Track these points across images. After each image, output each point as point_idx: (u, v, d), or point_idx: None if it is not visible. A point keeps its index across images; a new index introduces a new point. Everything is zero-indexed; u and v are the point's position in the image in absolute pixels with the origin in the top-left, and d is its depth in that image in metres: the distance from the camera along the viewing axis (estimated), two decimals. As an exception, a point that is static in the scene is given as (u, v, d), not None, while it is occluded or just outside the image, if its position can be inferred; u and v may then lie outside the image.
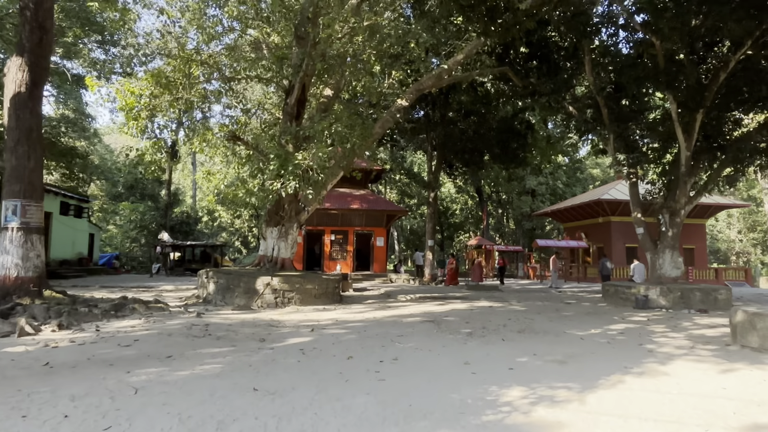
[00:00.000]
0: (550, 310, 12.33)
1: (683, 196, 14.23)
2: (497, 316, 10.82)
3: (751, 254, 41.69)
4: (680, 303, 13.22)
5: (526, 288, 22.35)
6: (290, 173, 12.24)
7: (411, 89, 15.26)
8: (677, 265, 14.46)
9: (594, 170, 52.81)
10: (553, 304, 14.07)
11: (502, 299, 15.58)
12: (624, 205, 28.34)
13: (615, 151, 15.64)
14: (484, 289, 19.94)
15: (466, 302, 14.34)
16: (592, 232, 31.15)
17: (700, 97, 13.35)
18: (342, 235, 25.06)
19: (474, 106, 23.46)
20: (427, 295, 16.78)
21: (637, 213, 15.43)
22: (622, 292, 14.38)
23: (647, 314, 11.97)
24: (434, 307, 12.89)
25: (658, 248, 14.77)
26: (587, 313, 11.87)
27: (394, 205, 25.94)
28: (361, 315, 11.03)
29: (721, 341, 8.14)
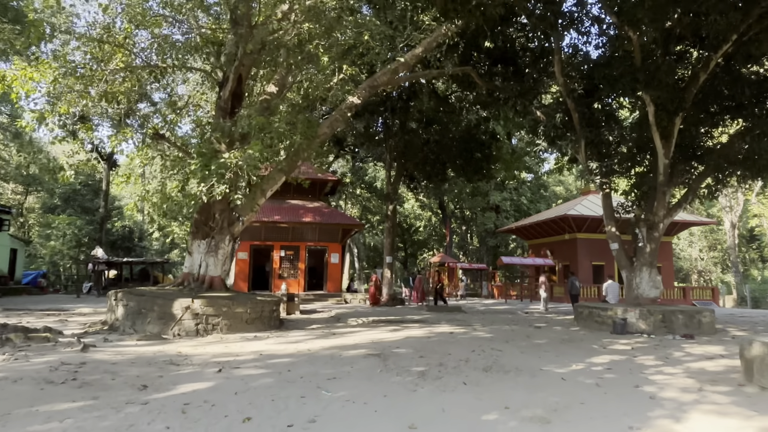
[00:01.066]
0: (519, 337, 10.63)
1: (662, 207, 12.93)
2: (459, 346, 9.02)
3: (713, 273, 41.66)
4: (662, 327, 11.78)
5: (491, 309, 20.74)
6: (215, 174, 10.24)
7: (364, 85, 13.56)
8: (656, 284, 13.09)
9: (557, 188, 52.46)
10: (522, 329, 12.41)
11: (465, 323, 13.84)
12: (590, 221, 27.37)
13: (586, 160, 14.31)
14: (446, 310, 18.20)
15: (425, 327, 12.52)
16: (557, 250, 30.04)
17: (680, 99, 12.14)
18: (293, 251, 22.97)
19: (436, 115, 22.01)
20: (382, 318, 14.89)
21: (611, 227, 14.06)
22: (597, 314, 12.88)
23: (629, 341, 10.43)
24: (386, 334, 11.01)
25: (634, 266, 13.38)
26: (562, 341, 10.22)
27: (351, 218, 24.10)
28: (294, 346, 9.04)
29: (731, 379, 6.55)
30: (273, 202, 23.62)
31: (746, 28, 10.89)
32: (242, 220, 12.81)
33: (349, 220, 23.42)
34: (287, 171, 13.03)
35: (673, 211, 13.12)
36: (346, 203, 46.62)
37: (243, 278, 22.28)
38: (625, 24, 11.52)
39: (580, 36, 14.11)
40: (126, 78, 12.73)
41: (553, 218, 28.41)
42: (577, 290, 20.23)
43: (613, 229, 14.04)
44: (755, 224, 37.71)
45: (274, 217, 22.23)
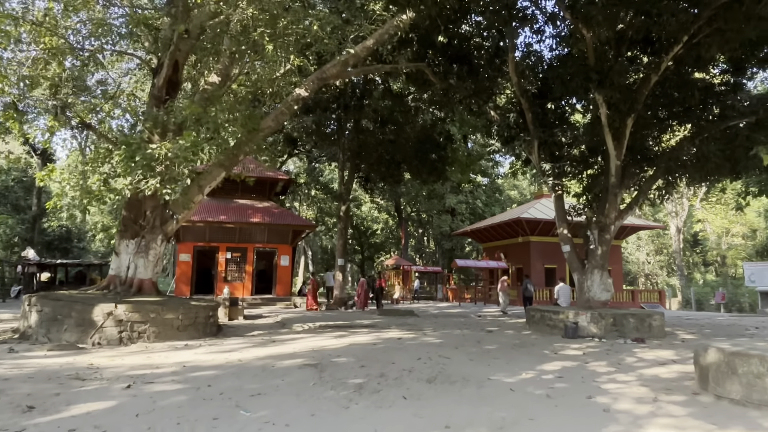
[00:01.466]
0: (470, 343, 10.15)
1: (613, 210, 12.80)
2: (405, 353, 8.42)
3: (659, 276, 43.02)
4: (613, 331, 11.58)
5: (444, 312, 20.34)
6: (140, 167, 9.29)
7: (312, 77, 12.84)
8: (607, 287, 12.94)
9: (512, 192, 53.10)
10: (473, 334, 11.97)
11: (416, 327, 13.30)
12: (543, 224, 27.51)
13: (539, 161, 14.08)
14: (397, 314, 17.63)
15: (373, 332, 11.89)
16: (511, 253, 30.11)
17: (632, 100, 12.05)
18: (240, 252, 21.88)
19: (391, 115, 21.51)
20: (330, 323, 14.15)
21: (563, 229, 13.87)
22: (549, 318, 12.60)
23: (580, 345, 10.13)
24: (331, 340, 10.30)
25: (586, 268, 13.21)
26: (513, 346, 9.80)
27: (302, 219, 23.22)
28: (225, 356, 8.22)
29: (685, 387, 6.23)
30: (219, 201, 22.49)
31: (697, 30, 10.87)
32: (176, 218, 11.83)
33: (300, 221, 22.56)
34: (228, 166, 12.14)
35: (624, 213, 13.03)
36: (301, 204, 45.55)
37: (185, 282, 21.02)
38: (579, 21, 11.31)
39: (535, 35, 13.92)
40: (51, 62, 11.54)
41: (507, 221, 28.42)
42: (531, 293, 20.10)
43: (565, 231, 13.85)
44: (699, 229, 39.18)
45: (220, 217, 21.11)
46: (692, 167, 12.47)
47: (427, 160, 21.83)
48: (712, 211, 36.15)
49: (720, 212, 35.03)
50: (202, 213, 21.20)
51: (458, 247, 43.21)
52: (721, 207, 35.15)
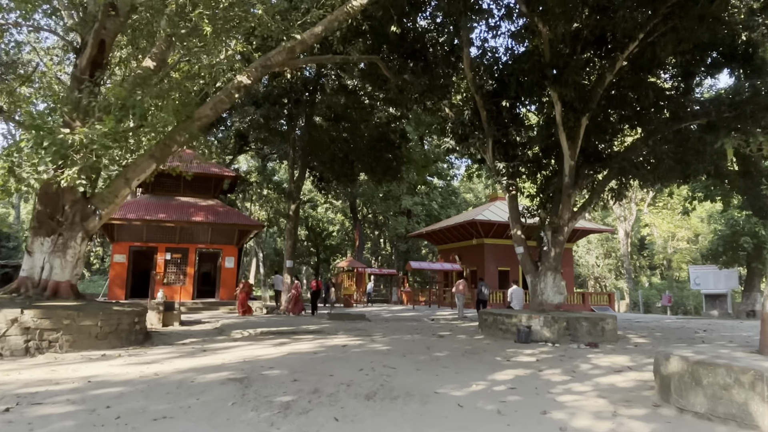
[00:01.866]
0: (419, 349, 9.52)
1: (567, 210, 12.52)
2: (347, 364, 7.68)
3: (608, 279, 44.06)
4: (566, 335, 11.24)
5: (397, 316, 19.73)
6: (51, 154, 8.18)
7: (256, 64, 11.93)
8: (560, 289, 12.64)
9: (467, 195, 53.34)
10: (424, 339, 11.36)
11: (364, 333, 12.59)
12: (497, 226, 27.41)
13: (494, 159, 13.67)
14: (348, 318, 16.88)
15: (318, 339, 11.10)
16: (465, 255, 29.90)
17: (587, 98, 11.79)
18: (181, 254, 20.56)
19: (345, 112, 20.79)
20: (273, 329, 13.25)
21: (517, 230, 13.51)
22: (501, 322, 12.16)
23: (533, 351, 9.68)
24: (268, 349, 9.44)
25: (539, 270, 12.87)
26: (464, 353, 9.24)
27: (248, 218, 22.05)
28: (142, 369, 7.24)
29: (645, 399, 5.78)
30: (159, 198, 21.10)
31: (652, 27, 10.69)
32: (100, 214, 10.66)
33: (246, 221, 21.43)
34: (159, 158, 11.06)
35: (578, 214, 12.78)
36: (253, 204, 44.09)
37: (120, 284, 19.53)
38: (536, 15, 10.93)
39: (491, 31, 13.52)
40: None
41: (461, 223, 28.18)
42: (485, 296, 19.80)
43: (518, 233, 13.49)
44: (646, 233, 40.34)
45: (159, 215, 19.75)
46: (645, 169, 12.36)
47: (381, 158, 21.23)
48: (658, 215, 37.27)
49: (666, 217, 36.16)
50: (139, 211, 19.80)
51: (414, 249, 42.87)
52: (667, 212, 36.29)
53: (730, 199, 24.95)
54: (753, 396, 4.59)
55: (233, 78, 11.88)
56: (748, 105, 11.84)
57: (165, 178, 20.63)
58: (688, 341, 12.08)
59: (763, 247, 20.23)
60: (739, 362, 4.87)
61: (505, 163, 13.34)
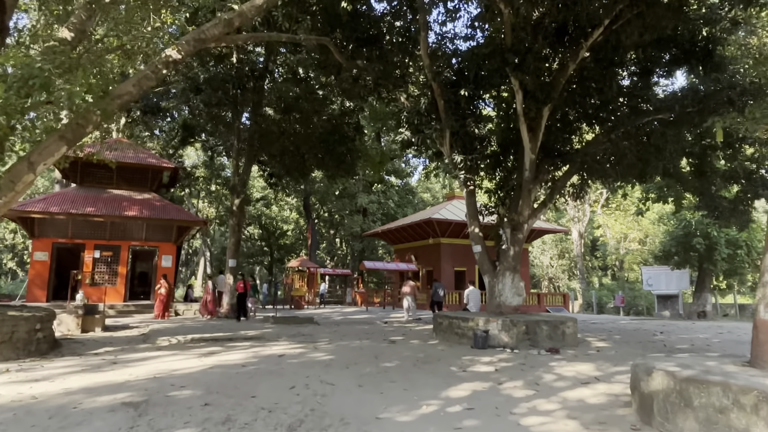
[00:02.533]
0: (366, 359, 8.48)
1: (527, 207, 11.79)
2: (277, 379, 6.55)
3: (561, 279, 44.43)
4: (525, 340, 10.47)
5: (348, 318, 18.64)
6: None
7: (188, 38, 10.55)
8: (519, 291, 11.89)
9: (425, 194, 52.81)
10: (373, 346, 10.33)
11: (309, 339, 11.46)
12: (454, 226, 26.76)
13: (451, 152, 12.82)
14: (294, 322, 15.66)
15: (254, 347, 9.89)
16: (422, 255, 29.14)
17: (549, 87, 11.09)
18: (112, 251, 18.74)
19: (296, 102, 19.51)
20: (207, 335, 11.91)
21: (475, 227, 12.69)
22: (457, 325, 11.28)
23: (491, 359, 8.83)
24: (191, 361, 8.18)
25: (497, 270, 12.09)
26: (416, 363, 8.26)
27: (188, 214, 20.33)
28: (23, 389, 5.89)
29: (621, 419, 4.94)
30: (88, 191, 19.21)
31: (619, 13, 10.06)
32: (-5, 204, 9.07)
33: (186, 216, 19.76)
34: (71, 140, 9.52)
35: (538, 210, 12.09)
36: (200, 200, 41.96)
37: (41, 285, 17.55)
38: (498, -4, 10.11)
39: (449, 14, 12.65)
40: None
41: (418, 222, 27.38)
42: (440, 298, 19.02)
43: (476, 230, 12.68)
44: (600, 234, 40.75)
45: (87, 208, 17.90)
46: (607, 165, 11.78)
47: (334, 152, 20.06)
48: (611, 217, 37.72)
49: (619, 218, 36.63)
50: (64, 204, 17.88)
51: (370, 248, 41.86)
52: (620, 213, 36.77)
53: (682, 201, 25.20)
54: (757, 421, 3.79)
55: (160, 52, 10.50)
56: (711, 100, 11.45)
57: (95, 169, 18.81)
58: (647, 344, 11.58)
59: (714, 248, 20.38)
60: (737, 380, 4.07)
61: (463, 156, 12.49)
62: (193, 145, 29.19)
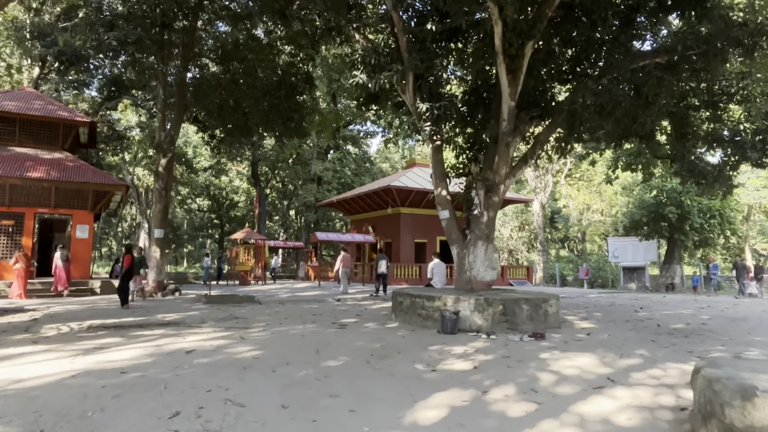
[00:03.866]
0: (304, 354, 6.45)
1: (504, 164, 9.90)
2: (154, 400, 4.41)
3: (521, 252, 43.63)
4: (502, 322, 8.71)
5: (297, 295, 16.54)
6: None
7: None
8: (492, 263, 10.08)
9: (383, 164, 50.72)
10: (318, 333, 8.32)
11: (239, 325, 9.33)
12: (415, 194, 24.88)
13: (415, 100, 10.71)
14: (231, 301, 13.45)
15: (163, 338, 7.68)
16: (380, 226, 27.21)
17: (534, 17, 9.10)
18: (14, 220, 15.79)
19: (237, 49, 16.84)
20: (111, 321, 9.60)
21: (442, 189, 10.74)
22: (421, 305, 9.39)
23: (465, 348, 6.98)
24: (61, 363, 5.91)
25: (467, 240, 10.23)
26: (370, 359, 6.28)
27: (107, 176, 17.08)
28: None
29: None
30: (-20, 147, 16.05)
31: None
32: None
33: (103, 179, 16.70)
34: None
35: (517, 169, 10.22)
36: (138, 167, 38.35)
37: None
38: None
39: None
40: None
41: (376, 190, 25.33)
42: (384, 271, 17.80)
43: (443, 192, 10.72)
44: (563, 205, 39.64)
45: (-24, 168, 14.84)
46: (598, 114, 9.98)
47: (281, 109, 17.61)
48: (574, 187, 36.75)
49: (582, 189, 35.68)
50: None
51: (325, 219, 39.55)
52: (583, 183, 35.82)
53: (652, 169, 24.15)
54: None
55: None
56: (717, 39, 9.75)
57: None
58: (637, 324, 10.08)
59: (686, 218, 19.36)
60: None
61: (429, 104, 10.40)
62: (121, 102, 25.82)
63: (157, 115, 15.98)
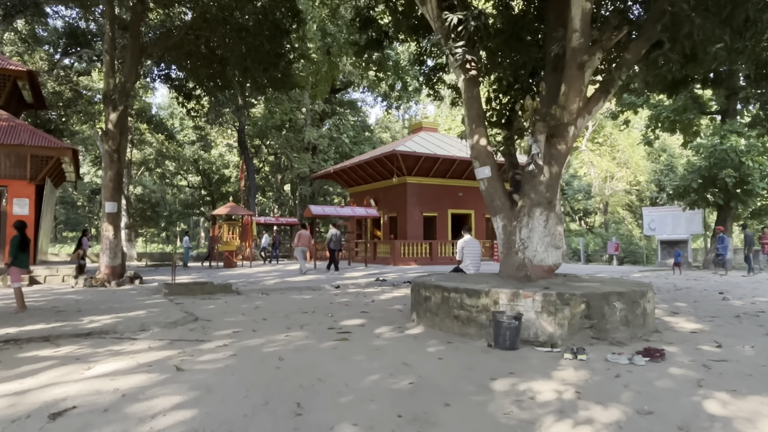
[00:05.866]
0: (276, 414, 3.46)
1: (576, 95, 6.80)
2: None
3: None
4: (585, 328, 5.74)
5: (288, 281, 13.60)
6: None
7: None
8: (555, 240, 7.09)
9: (384, 134, 47.37)
10: (306, 350, 5.37)
11: (196, 332, 6.40)
12: (424, 161, 21.77)
13: (440, 12, 7.54)
14: (202, 292, 10.51)
15: (69, 361, 4.73)
16: (383, 198, 24.15)
17: None
18: (-70, 192, 12.71)
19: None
20: (10, 332, 6.63)
21: (480, 137, 7.64)
22: (458, 302, 6.39)
23: (552, 384, 4.04)
24: None
25: (519, 207, 7.20)
26: (398, 423, 3.28)
27: (50, 138, 13.78)
28: None
29: None
30: None
31: None
32: None
33: (44, 141, 13.42)
34: None
35: (594, 103, 7.10)
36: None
37: None
38: None
39: None
40: None
41: (378, 157, 22.19)
42: (337, 245, 16.93)
43: (482, 141, 7.64)
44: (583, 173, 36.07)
45: None
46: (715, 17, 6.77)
47: (264, 53, 14.37)
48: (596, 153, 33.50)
49: (605, 155, 32.44)
50: None
51: (321, 193, 36.39)
52: (605, 149, 32.56)
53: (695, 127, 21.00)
54: None
55: None
56: None
57: None
58: (749, 318, 7.18)
59: (746, 182, 16.38)
60: None
61: (462, 13, 7.23)
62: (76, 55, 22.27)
63: (104, 56, 12.69)
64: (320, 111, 30.74)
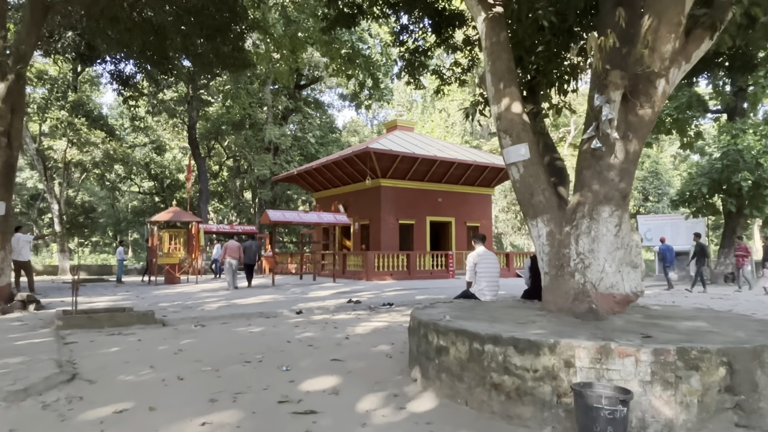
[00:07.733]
0: None
1: (670, 28, 4.37)
2: None
3: (508, 236, 38.73)
4: (726, 410, 3.23)
5: (236, 302, 10.74)
6: None
7: None
8: (632, 255, 4.61)
9: (352, 138, 44.79)
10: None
11: (58, 410, 3.51)
12: (400, 161, 19.26)
13: None
14: (111, 323, 7.60)
15: None
16: (354, 203, 21.51)
17: None
18: None
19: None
20: None
21: (512, 101, 5.13)
22: (502, 364, 3.79)
23: None
24: None
25: (575, 205, 4.73)
26: None
27: None
28: None
29: None
30: None
31: None
32: None
33: None
34: None
35: (697, 43, 4.67)
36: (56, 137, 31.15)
37: None
38: None
39: None
40: None
41: (349, 156, 19.56)
42: (252, 259, 15.25)
43: (516, 108, 5.14)
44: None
45: None
46: None
47: (209, 21, 11.61)
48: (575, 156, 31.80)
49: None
50: None
51: (284, 199, 33.31)
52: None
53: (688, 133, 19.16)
54: None
55: None
56: None
57: None
58: None
59: (763, 185, 14.58)
60: None
61: None
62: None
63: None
64: (283, 108, 27.88)
